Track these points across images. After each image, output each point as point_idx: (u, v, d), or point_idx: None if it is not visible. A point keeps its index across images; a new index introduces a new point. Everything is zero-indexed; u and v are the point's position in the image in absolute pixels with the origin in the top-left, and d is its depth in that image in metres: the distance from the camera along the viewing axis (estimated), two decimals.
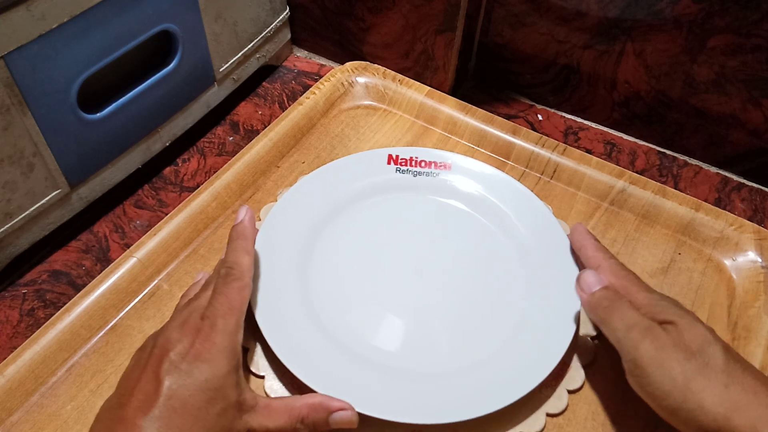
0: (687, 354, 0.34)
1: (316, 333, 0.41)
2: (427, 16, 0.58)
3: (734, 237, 0.48)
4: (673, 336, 0.35)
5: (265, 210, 0.48)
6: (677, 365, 0.33)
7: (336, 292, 0.44)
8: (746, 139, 0.56)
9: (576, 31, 0.57)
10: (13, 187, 0.43)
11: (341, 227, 0.47)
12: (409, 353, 0.41)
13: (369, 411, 0.37)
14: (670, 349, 0.34)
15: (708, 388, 0.33)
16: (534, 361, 0.40)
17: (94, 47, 0.44)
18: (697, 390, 0.33)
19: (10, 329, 0.45)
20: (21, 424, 0.38)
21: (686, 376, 0.33)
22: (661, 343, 0.34)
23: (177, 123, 0.55)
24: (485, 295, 0.44)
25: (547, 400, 0.40)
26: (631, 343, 0.35)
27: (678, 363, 0.33)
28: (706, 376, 0.33)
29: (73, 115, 0.45)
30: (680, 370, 0.33)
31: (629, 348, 0.35)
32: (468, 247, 0.47)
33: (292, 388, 0.39)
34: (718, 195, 0.57)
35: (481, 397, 0.38)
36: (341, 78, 0.58)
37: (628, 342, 0.35)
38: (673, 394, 0.33)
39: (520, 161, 0.53)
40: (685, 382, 0.33)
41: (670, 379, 0.33)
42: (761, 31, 0.50)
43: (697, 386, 0.33)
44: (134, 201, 0.53)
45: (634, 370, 0.35)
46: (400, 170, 0.50)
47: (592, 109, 0.62)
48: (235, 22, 0.56)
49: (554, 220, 0.47)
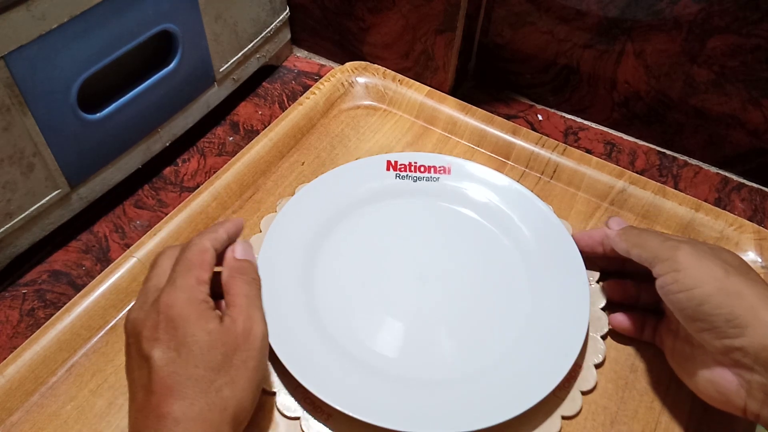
0: (722, 261, 0.36)
1: (325, 345, 0.41)
2: (427, 16, 0.58)
3: (734, 237, 0.48)
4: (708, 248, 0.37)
5: (265, 221, 0.48)
6: (716, 263, 0.35)
7: (341, 301, 0.44)
8: (746, 139, 0.56)
9: (576, 31, 0.57)
10: (13, 187, 0.43)
11: (343, 236, 0.47)
12: (419, 362, 0.41)
13: (385, 423, 0.36)
14: (708, 253, 0.36)
15: (744, 282, 0.34)
16: (547, 364, 0.39)
17: (94, 47, 0.44)
18: (736, 281, 0.34)
19: (10, 329, 0.45)
20: (21, 424, 0.38)
21: (726, 270, 0.35)
22: (699, 247, 0.37)
23: (177, 123, 0.55)
24: (491, 299, 0.44)
25: (561, 402, 0.40)
26: (670, 250, 0.37)
27: (716, 264, 0.35)
28: (742, 274, 0.35)
29: (73, 115, 0.45)
30: (720, 264, 0.35)
31: (668, 253, 0.37)
32: (471, 251, 0.47)
33: (305, 404, 0.39)
34: (718, 195, 0.57)
35: (500, 403, 0.38)
36: (341, 78, 0.58)
37: (666, 249, 0.37)
38: (712, 284, 0.34)
39: (520, 161, 0.53)
40: (725, 274, 0.35)
41: (710, 271, 0.35)
42: (761, 31, 0.50)
43: (735, 278, 0.34)
44: (134, 201, 0.53)
45: (672, 272, 0.36)
46: (400, 176, 0.50)
47: (592, 109, 0.62)
48: (235, 22, 0.56)
49: (557, 221, 0.47)
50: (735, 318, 0.33)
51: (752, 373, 0.33)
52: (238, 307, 0.36)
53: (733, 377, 0.34)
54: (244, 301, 0.36)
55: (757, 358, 0.33)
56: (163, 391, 0.31)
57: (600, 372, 0.41)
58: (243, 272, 0.38)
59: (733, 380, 0.34)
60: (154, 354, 0.32)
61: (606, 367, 0.42)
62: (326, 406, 0.38)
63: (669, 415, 0.40)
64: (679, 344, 0.39)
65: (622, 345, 0.43)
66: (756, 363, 0.33)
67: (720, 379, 0.35)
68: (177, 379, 0.32)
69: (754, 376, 0.33)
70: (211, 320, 0.34)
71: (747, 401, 0.34)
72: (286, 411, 0.39)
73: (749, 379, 0.34)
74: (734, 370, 0.34)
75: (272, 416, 0.39)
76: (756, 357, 0.33)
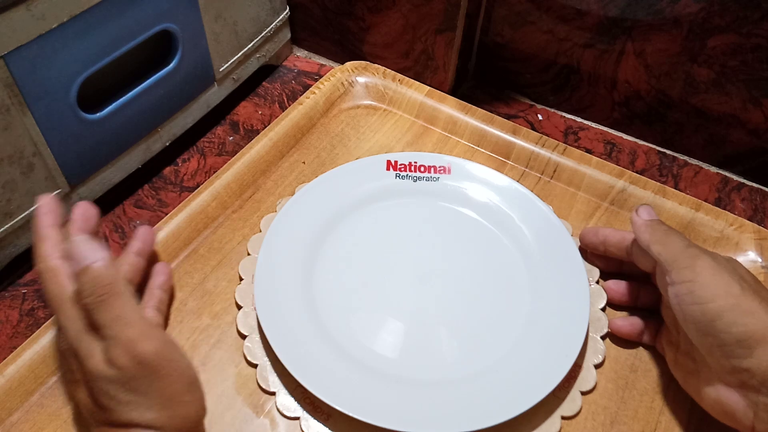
0: (740, 277, 0.35)
1: (325, 345, 0.41)
2: (427, 15, 0.58)
3: (734, 237, 0.48)
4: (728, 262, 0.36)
5: (265, 221, 0.48)
6: (734, 278, 0.34)
7: (341, 302, 0.44)
8: (746, 138, 0.56)
9: (576, 30, 0.57)
10: (13, 187, 0.43)
11: (343, 236, 0.47)
12: (419, 362, 0.41)
13: (385, 423, 0.36)
14: (726, 268, 0.35)
15: (758, 301, 0.33)
16: (547, 364, 0.39)
17: (94, 47, 0.44)
18: (750, 299, 0.33)
19: (10, 329, 0.45)
20: (21, 424, 0.38)
21: (742, 287, 0.34)
22: (719, 260, 0.36)
23: (177, 123, 0.55)
24: (491, 299, 0.44)
25: (561, 402, 0.40)
26: (690, 258, 0.36)
27: (734, 279, 0.34)
28: (757, 293, 0.34)
29: (73, 115, 0.45)
30: (737, 280, 0.34)
31: (688, 261, 0.35)
32: (471, 251, 0.47)
33: (304, 404, 0.39)
34: (718, 195, 0.57)
35: (500, 403, 0.38)
36: (341, 78, 0.58)
37: (687, 257, 0.36)
38: (726, 300, 0.33)
39: (520, 161, 0.53)
40: (741, 291, 0.34)
41: (727, 287, 0.34)
42: (761, 30, 0.50)
43: (750, 296, 0.33)
44: (134, 201, 0.53)
45: (688, 282, 0.35)
46: (400, 176, 0.50)
47: (592, 109, 0.62)
48: (235, 22, 0.56)
49: (557, 221, 0.47)
50: (746, 338, 0.33)
51: (759, 395, 0.33)
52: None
53: (739, 398, 0.34)
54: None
55: (764, 381, 0.32)
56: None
57: (600, 372, 0.41)
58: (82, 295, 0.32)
59: (739, 401, 0.34)
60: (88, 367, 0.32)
61: (606, 367, 0.42)
62: (326, 406, 0.38)
63: (669, 415, 0.40)
64: (681, 358, 0.38)
65: (622, 345, 0.43)
66: (763, 385, 0.32)
67: (726, 399, 0.34)
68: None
69: (761, 398, 0.33)
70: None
71: (755, 422, 0.33)
72: (286, 411, 0.39)
73: (756, 400, 0.33)
74: (741, 391, 0.33)
75: (272, 416, 0.39)
76: (763, 379, 0.32)
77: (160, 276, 0.42)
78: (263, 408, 0.39)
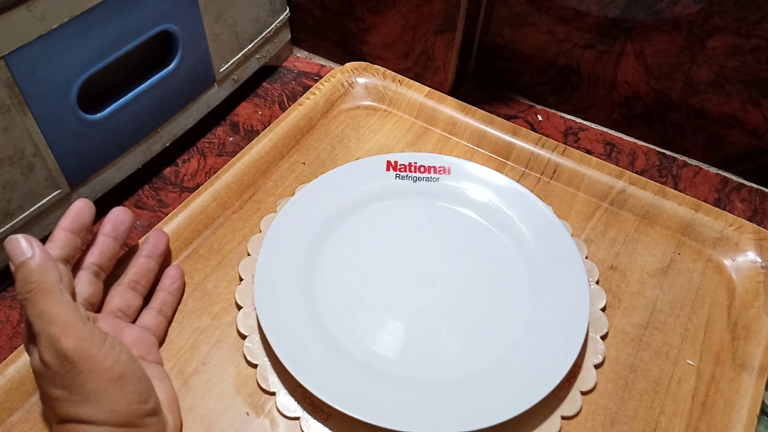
0: None
1: (324, 345, 0.41)
2: (427, 16, 0.58)
3: (734, 237, 0.48)
4: None
5: (265, 221, 0.48)
6: None
7: (341, 302, 0.44)
8: (746, 139, 0.56)
9: (576, 31, 0.57)
10: (13, 187, 0.43)
11: (343, 236, 0.47)
12: (419, 362, 0.41)
13: (385, 423, 0.36)
14: None
15: None
16: (547, 364, 0.39)
17: (94, 47, 0.44)
18: None
19: (10, 329, 0.45)
20: (21, 424, 0.38)
21: None
22: None
23: (177, 123, 0.55)
24: (491, 300, 0.44)
25: (561, 402, 0.40)
26: None
27: None
28: None
29: (73, 115, 0.45)
30: None
31: None
32: (471, 251, 0.47)
33: (304, 404, 0.39)
34: (718, 195, 0.57)
35: (500, 403, 0.38)
36: (341, 78, 0.58)
37: None
38: None
39: (519, 162, 0.54)
40: None
41: None
42: (761, 31, 0.50)
43: None
44: (134, 201, 0.53)
45: None
46: (400, 176, 0.50)
47: (591, 110, 0.62)
48: (235, 23, 0.56)
49: (557, 221, 0.47)
50: None
51: None
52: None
53: None
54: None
55: None
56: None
57: (600, 372, 0.41)
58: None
59: None
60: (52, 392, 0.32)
61: (606, 367, 0.42)
62: (326, 406, 0.38)
63: (669, 415, 0.40)
64: None
65: (622, 345, 0.43)
66: None
67: None
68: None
69: None
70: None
71: None
72: (286, 411, 0.39)
73: None
74: None
75: (272, 416, 0.39)
76: None
77: (167, 279, 0.43)
78: (263, 408, 0.39)
